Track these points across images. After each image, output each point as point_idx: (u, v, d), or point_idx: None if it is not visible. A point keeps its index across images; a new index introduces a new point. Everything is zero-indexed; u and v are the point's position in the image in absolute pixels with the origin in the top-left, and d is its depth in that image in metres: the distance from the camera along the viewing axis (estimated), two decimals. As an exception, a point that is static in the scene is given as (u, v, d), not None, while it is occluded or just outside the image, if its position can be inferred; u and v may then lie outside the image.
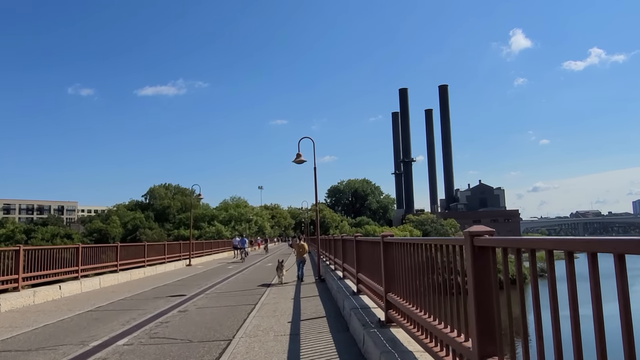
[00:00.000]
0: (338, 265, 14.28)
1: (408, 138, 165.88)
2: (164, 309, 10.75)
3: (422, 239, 4.79)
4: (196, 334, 7.75)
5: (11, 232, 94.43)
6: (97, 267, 16.70)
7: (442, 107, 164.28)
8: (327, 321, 8.29)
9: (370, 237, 7.85)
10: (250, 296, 12.70)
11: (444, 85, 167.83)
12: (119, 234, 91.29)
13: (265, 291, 13.72)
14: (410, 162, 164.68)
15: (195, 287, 15.62)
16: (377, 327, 5.89)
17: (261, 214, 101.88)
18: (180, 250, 27.74)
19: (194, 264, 28.28)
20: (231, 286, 15.85)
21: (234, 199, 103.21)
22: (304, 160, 16.03)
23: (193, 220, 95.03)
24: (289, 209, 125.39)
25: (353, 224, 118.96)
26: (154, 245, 23.43)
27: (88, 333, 8.14)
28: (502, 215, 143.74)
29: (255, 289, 14.43)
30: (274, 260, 20.17)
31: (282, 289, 14.06)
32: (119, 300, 12.50)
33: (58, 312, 10.59)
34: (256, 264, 29.20)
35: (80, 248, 15.23)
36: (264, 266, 26.95)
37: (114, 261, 18.06)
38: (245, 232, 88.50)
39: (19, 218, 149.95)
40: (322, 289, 13.20)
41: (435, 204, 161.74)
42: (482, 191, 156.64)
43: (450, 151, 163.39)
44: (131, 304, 11.78)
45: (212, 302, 11.90)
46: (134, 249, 20.88)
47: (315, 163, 16.46)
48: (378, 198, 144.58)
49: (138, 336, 7.74)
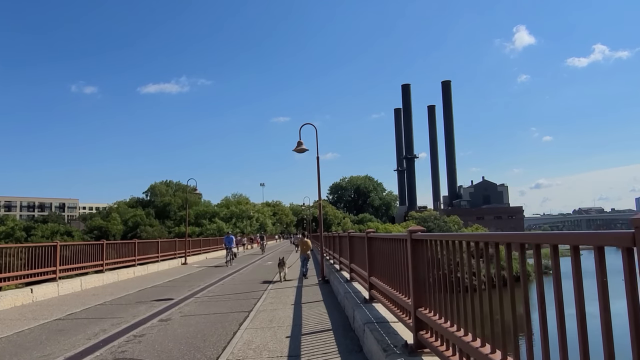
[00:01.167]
0: (344, 265, 12.79)
1: (411, 134, 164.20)
2: (143, 317, 9.25)
3: (478, 235, 3.29)
4: (172, 355, 6.25)
5: (11, 229, 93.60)
6: (79, 267, 15.22)
7: (445, 103, 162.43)
8: (334, 336, 6.78)
9: (388, 234, 6.32)
10: (245, 300, 11.20)
11: (447, 81, 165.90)
12: (120, 231, 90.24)
13: (262, 294, 12.23)
14: (412, 159, 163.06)
15: (186, 289, 14.14)
16: (405, 355, 4.37)
17: (263, 211, 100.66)
18: (176, 248, 26.25)
19: (190, 263, 26.81)
20: (226, 288, 14.36)
21: (236, 196, 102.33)
22: (305, 149, 14.48)
23: (194, 217, 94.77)
24: (290, 205, 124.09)
25: (355, 220, 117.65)
26: (145, 243, 21.91)
27: (41, 351, 6.64)
28: (506, 212, 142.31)
29: (251, 292, 12.93)
30: (274, 258, 18.98)
31: (281, 292, 12.57)
32: (96, 306, 11.01)
33: (19, 321, 9.09)
34: (255, 262, 27.72)
35: (59, 246, 13.72)
36: (264, 265, 25.48)
37: (100, 260, 16.57)
38: (247, 229, 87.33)
39: (20, 215, 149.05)
40: (327, 292, 11.71)
41: (438, 200, 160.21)
42: (485, 188, 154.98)
43: (453, 147, 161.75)
44: (108, 311, 10.29)
45: (200, 308, 10.40)
46: (123, 247, 19.35)
47: (318, 152, 14.92)
48: (380, 195, 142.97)
49: (100, 356, 6.25)
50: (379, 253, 6.89)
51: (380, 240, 6.85)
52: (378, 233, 7.73)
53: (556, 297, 2.21)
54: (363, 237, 8.19)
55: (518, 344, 2.70)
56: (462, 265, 3.47)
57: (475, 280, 3.20)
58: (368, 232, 7.71)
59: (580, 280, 2.06)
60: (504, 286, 2.66)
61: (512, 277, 2.83)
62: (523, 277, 2.59)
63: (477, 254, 3.24)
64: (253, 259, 30.27)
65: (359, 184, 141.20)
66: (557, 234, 2.30)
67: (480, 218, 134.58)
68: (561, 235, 2.27)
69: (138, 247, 20.12)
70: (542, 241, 2.39)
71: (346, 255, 11.77)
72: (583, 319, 2.03)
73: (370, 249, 7.58)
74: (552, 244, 2.27)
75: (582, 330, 2.02)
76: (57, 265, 13.55)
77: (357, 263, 9.70)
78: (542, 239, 2.42)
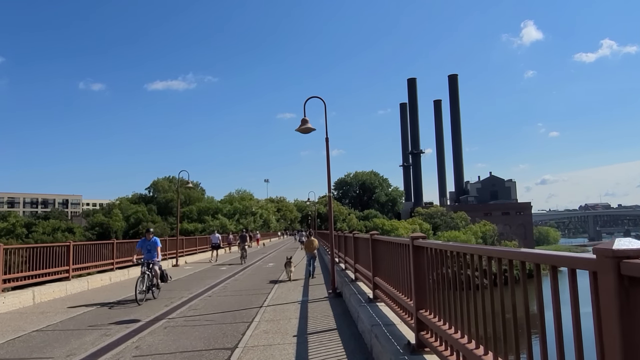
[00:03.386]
0: (362, 275, 9.94)
1: (417, 129, 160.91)
2: (80, 358, 6.45)
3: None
4: None
5: (12, 225, 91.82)
6: (37, 275, 12.46)
7: (452, 97, 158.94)
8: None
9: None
10: (230, 326, 8.33)
11: (453, 75, 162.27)
12: (121, 227, 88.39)
13: (255, 315, 9.36)
14: (419, 154, 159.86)
15: (162, 303, 11.28)
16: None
17: (266, 207, 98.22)
18: (166, 248, 23.42)
19: (182, 264, 24.05)
20: (213, 302, 11.48)
21: (239, 192, 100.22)
22: (311, 129, 11.54)
23: (197, 214, 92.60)
24: (295, 202, 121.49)
25: (361, 217, 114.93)
26: (127, 244, 18.99)
27: None
28: (514, 208, 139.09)
29: (242, 310, 10.01)
30: (274, 260, 16.41)
31: (280, 313, 9.65)
32: (30, 334, 8.14)
33: None
34: (254, 264, 24.92)
35: (2, 249, 10.90)
36: (264, 267, 22.66)
37: (65, 265, 13.77)
38: (250, 225, 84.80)
39: (23, 212, 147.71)
40: (341, 314, 8.82)
41: (445, 196, 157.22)
42: (492, 183, 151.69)
43: (460, 142, 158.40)
44: (40, 343, 7.44)
45: (168, 339, 7.46)
46: (99, 249, 16.47)
47: (327, 132, 11.96)
48: (386, 191, 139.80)
49: None
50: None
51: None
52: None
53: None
54: (405, 246, 5.36)
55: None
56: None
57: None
58: (415, 238, 4.87)
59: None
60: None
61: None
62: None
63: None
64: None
65: (365, 180, 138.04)
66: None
67: (488, 214, 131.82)
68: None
69: (117, 248, 17.30)
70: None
71: (366, 264, 8.90)
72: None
73: (417, 267, 4.76)
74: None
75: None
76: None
77: (392, 283, 6.84)
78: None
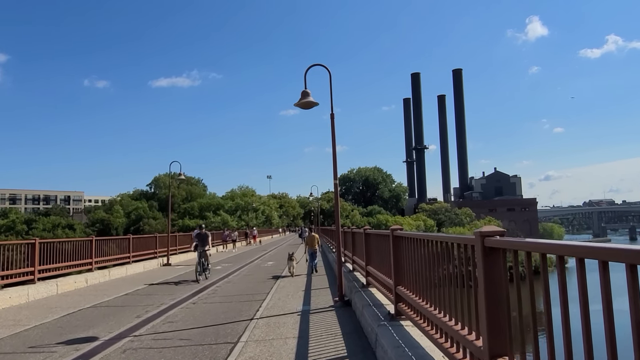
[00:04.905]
0: (377, 281, 8.03)
1: (421, 124, 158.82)
2: None
3: None
4: None
5: (12, 222, 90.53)
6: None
7: (456, 92, 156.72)
8: None
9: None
10: (209, 349, 6.39)
11: (458, 69, 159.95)
12: (122, 224, 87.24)
13: (242, 333, 7.46)
14: (422, 150, 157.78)
15: (134, 313, 9.38)
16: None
17: (268, 203, 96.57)
18: (156, 246, 21.51)
19: (174, 263, 22.18)
20: (196, 311, 9.53)
21: (242, 188, 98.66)
22: (313, 103, 9.52)
23: (198, 210, 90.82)
24: (297, 198, 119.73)
25: (364, 213, 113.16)
26: (111, 241, 17.05)
27: None
28: (519, 204, 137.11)
29: (229, 324, 8.05)
30: (274, 257, 14.69)
31: (275, 329, 7.68)
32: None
33: None
34: (252, 262, 23.07)
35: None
36: (262, 266, 20.80)
37: (30, 267, 11.89)
38: (252, 221, 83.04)
39: (25, 208, 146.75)
40: (353, 335, 6.78)
41: (448, 192, 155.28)
42: (497, 179, 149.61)
43: (465, 137, 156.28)
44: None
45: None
46: (74, 247, 14.33)
47: (333, 107, 9.92)
48: (390, 187, 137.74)
49: None
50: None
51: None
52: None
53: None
54: (480, 242, 3.44)
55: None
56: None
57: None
58: (485, 234, 2.98)
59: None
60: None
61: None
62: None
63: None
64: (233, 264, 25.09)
65: (368, 176, 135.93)
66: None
67: (493, 210, 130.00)
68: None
69: (96, 246, 15.40)
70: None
71: (384, 269, 6.99)
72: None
73: (490, 286, 2.88)
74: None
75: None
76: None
77: (424, 298, 4.94)
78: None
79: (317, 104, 9.63)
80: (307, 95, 9.46)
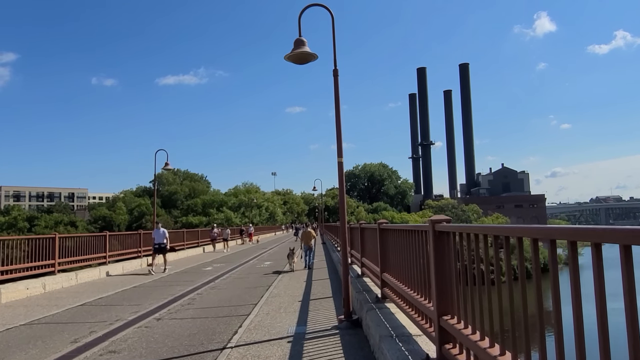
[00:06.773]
0: (398, 296, 6.15)
1: (427, 120, 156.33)
2: None
3: None
4: None
5: (13, 219, 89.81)
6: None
7: (463, 87, 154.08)
8: None
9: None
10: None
11: (464, 64, 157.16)
12: (125, 221, 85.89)
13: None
14: (429, 145, 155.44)
15: (79, 333, 7.72)
16: None
17: (272, 200, 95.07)
18: (140, 244, 19.68)
19: (160, 263, 20.47)
20: (155, 334, 7.53)
21: (246, 184, 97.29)
22: (310, 54, 7.40)
23: (202, 207, 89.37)
24: (302, 194, 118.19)
25: (370, 209, 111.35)
26: (83, 238, 14.43)
27: None
28: (527, 201, 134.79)
29: (190, 356, 6.17)
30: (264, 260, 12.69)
31: None
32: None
33: None
34: (243, 264, 21.35)
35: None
36: (257, 267, 19.07)
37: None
38: (256, 218, 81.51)
39: (29, 205, 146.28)
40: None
41: (455, 189, 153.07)
42: (504, 175, 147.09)
43: (471, 133, 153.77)
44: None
45: None
46: (35, 245, 12.00)
47: (336, 62, 7.67)
48: (395, 183, 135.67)
49: None
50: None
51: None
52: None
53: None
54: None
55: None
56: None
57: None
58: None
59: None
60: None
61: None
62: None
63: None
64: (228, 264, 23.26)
65: (373, 172, 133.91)
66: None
67: (500, 206, 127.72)
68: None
69: (62, 245, 12.98)
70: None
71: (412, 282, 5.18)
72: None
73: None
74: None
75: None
76: None
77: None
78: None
79: (316, 56, 7.53)
80: (302, 44, 7.31)
